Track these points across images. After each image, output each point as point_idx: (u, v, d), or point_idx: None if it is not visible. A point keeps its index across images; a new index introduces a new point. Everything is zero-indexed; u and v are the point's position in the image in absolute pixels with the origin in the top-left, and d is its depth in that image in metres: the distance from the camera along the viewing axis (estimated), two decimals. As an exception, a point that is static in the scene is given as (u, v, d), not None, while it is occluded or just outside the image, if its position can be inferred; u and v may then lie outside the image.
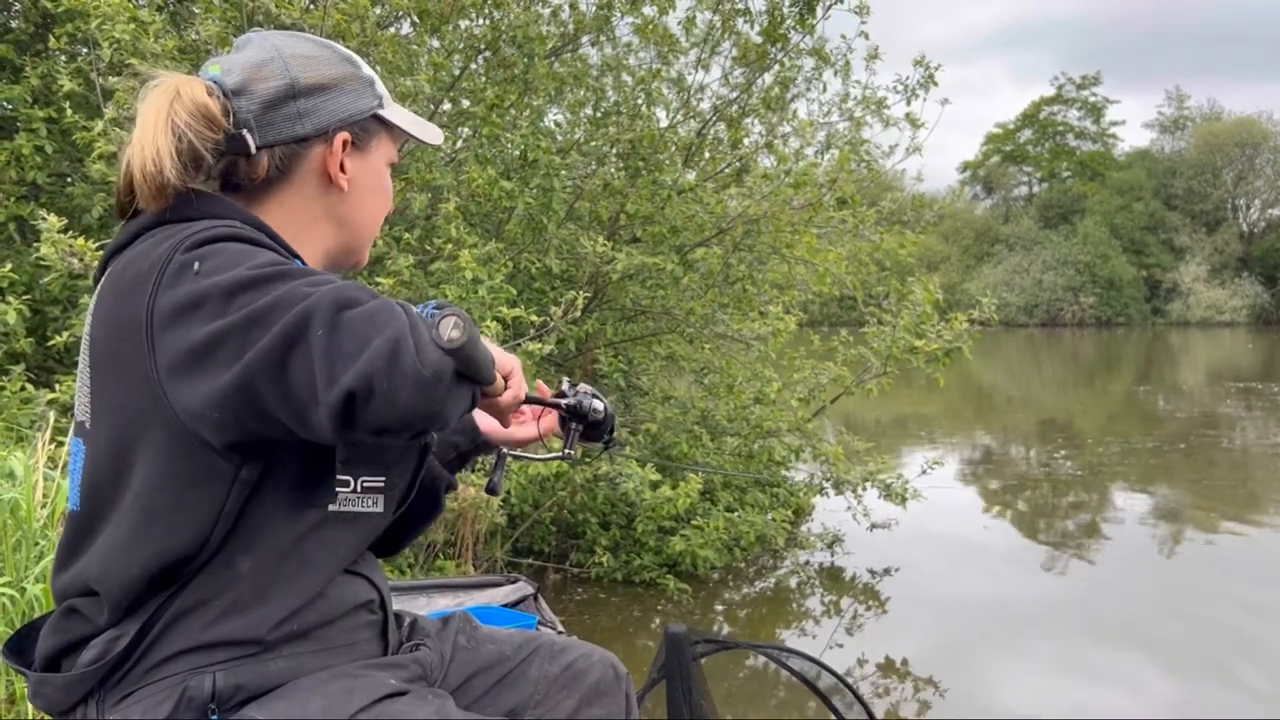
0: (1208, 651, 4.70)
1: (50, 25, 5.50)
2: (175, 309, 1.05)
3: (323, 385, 0.96)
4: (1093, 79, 64.02)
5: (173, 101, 1.18)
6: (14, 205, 5.17)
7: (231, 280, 1.03)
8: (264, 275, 1.04)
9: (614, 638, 4.92)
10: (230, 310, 1.02)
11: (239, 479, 1.11)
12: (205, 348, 1.03)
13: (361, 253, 1.40)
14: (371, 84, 1.33)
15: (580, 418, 1.34)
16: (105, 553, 1.13)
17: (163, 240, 1.13)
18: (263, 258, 1.09)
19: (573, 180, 6.47)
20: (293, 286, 1.02)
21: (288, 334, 0.98)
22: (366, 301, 1.01)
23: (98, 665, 1.12)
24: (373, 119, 1.33)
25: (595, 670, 1.47)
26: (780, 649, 3.50)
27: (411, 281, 4.97)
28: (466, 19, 6.18)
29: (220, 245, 1.10)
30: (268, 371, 0.99)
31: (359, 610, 1.28)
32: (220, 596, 1.13)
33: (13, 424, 4.03)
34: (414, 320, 1.01)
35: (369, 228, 1.38)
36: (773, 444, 6.45)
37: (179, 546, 1.11)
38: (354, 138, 1.31)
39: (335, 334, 0.98)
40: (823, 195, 6.35)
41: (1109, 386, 20.64)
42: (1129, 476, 9.36)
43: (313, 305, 0.99)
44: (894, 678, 4.49)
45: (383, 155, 1.37)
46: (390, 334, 0.97)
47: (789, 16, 6.65)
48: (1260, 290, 53.42)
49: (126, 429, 1.12)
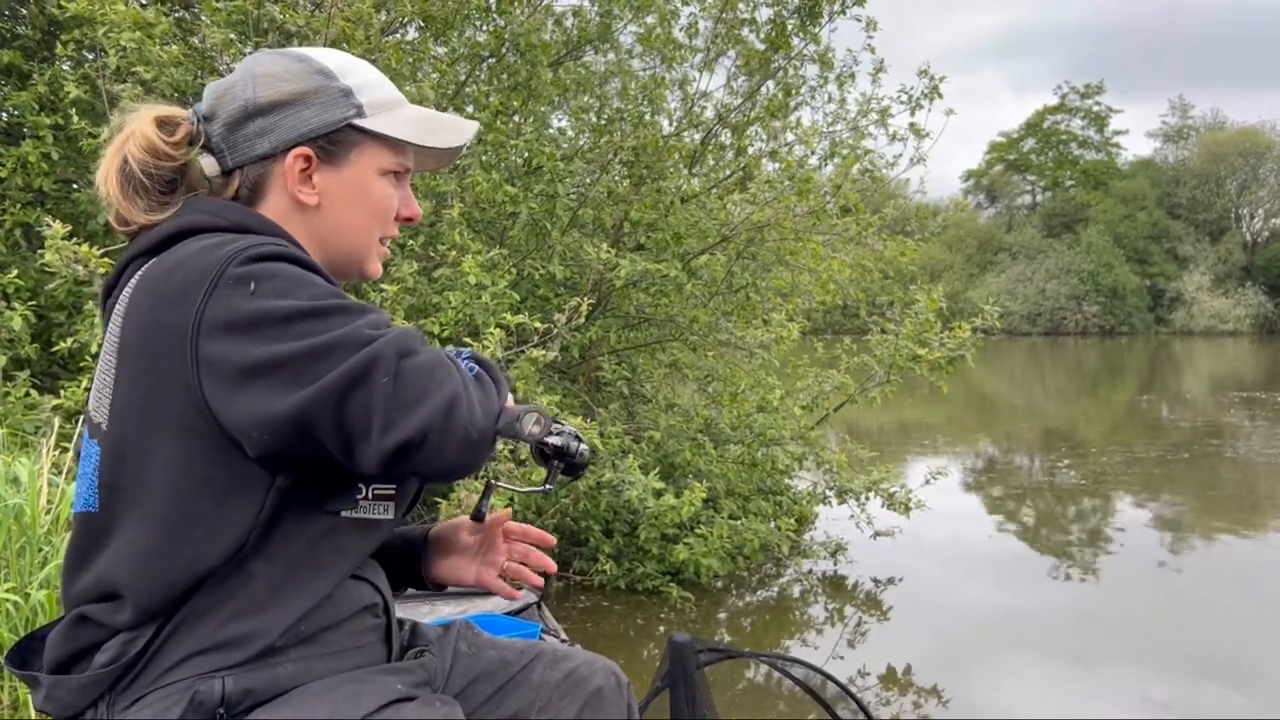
0: (1212, 662, 4.68)
1: (57, 32, 5.53)
2: (227, 323, 1.07)
3: (379, 429, 1.04)
4: (1096, 88, 64.14)
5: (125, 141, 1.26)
6: (20, 212, 5.18)
7: (291, 307, 1.08)
8: (324, 308, 1.09)
9: (617, 646, 4.91)
10: (289, 336, 1.06)
11: (275, 486, 1.14)
12: (260, 369, 1.06)
13: (360, 265, 1.36)
14: (348, 94, 1.29)
15: (564, 458, 1.36)
16: (132, 557, 1.13)
17: (212, 249, 1.13)
18: (319, 287, 1.12)
19: (577, 187, 6.49)
20: (355, 327, 1.08)
21: (354, 374, 1.05)
22: (423, 352, 1.09)
23: (113, 666, 1.12)
24: (349, 129, 1.29)
25: (597, 678, 1.46)
26: (784, 658, 3.50)
27: (415, 288, 4.98)
28: (471, 26, 6.20)
29: (277, 266, 1.12)
30: (328, 405, 1.05)
31: (364, 614, 1.29)
32: (234, 598, 1.14)
33: (17, 430, 4.04)
34: (466, 379, 1.11)
35: (355, 240, 1.33)
36: (776, 452, 6.44)
37: (217, 551, 1.12)
38: (322, 152, 1.28)
39: (398, 382, 1.05)
40: (826, 203, 6.36)
41: (1112, 395, 20.61)
42: (1133, 486, 9.33)
43: (379, 351, 1.06)
44: (897, 687, 4.48)
45: (368, 165, 1.31)
46: (448, 391, 1.07)
47: (791, 21, 6.67)
48: (1264, 300, 53.39)
49: (155, 433, 1.12)
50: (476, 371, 1.18)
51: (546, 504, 5.43)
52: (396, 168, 1.34)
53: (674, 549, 5.45)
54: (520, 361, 4.68)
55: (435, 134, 1.35)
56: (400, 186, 1.37)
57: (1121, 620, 5.39)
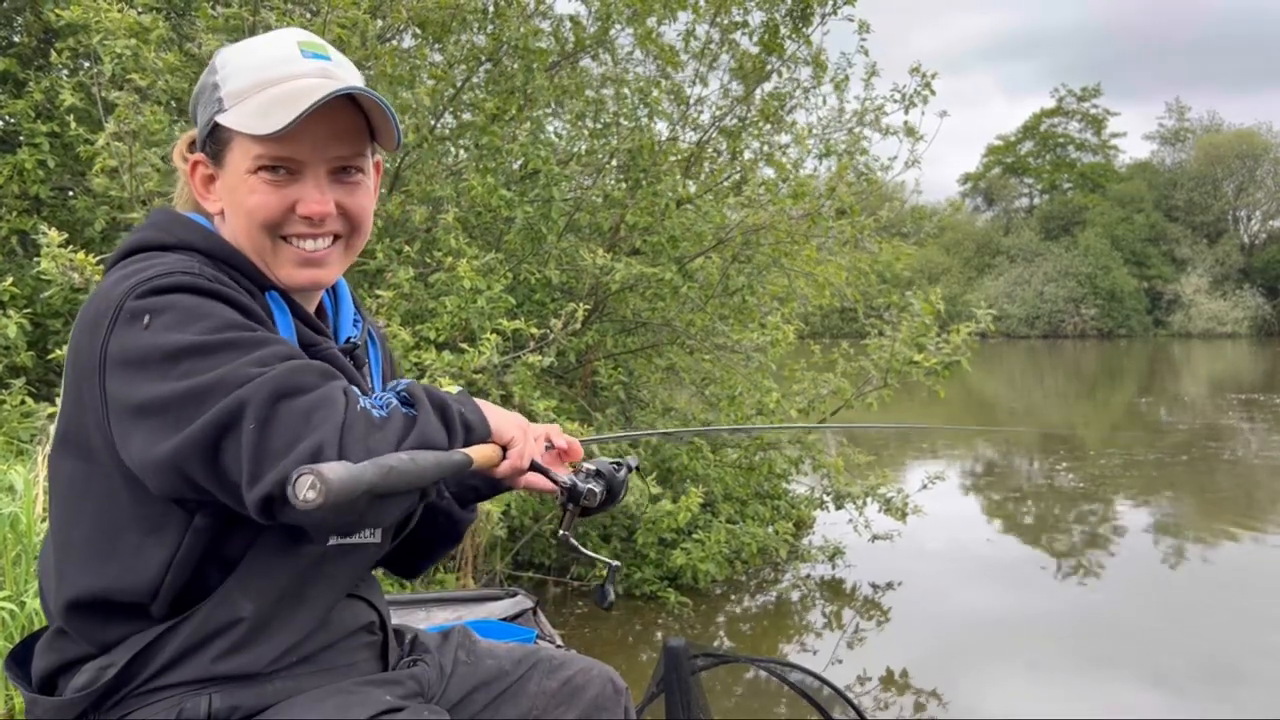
0: (1212, 665, 4.68)
1: (53, 40, 5.53)
2: (122, 360, 1.05)
3: (247, 481, 0.97)
4: (1093, 91, 64.28)
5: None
6: (16, 219, 5.18)
7: (177, 344, 1.03)
8: (212, 344, 1.03)
9: (614, 651, 4.90)
10: (171, 376, 1.01)
11: (192, 527, 1.10)
12: (144, 410, 1.03)
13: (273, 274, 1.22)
14: (216, 88, 1.19)
15: (574, 500, 1.25)
16: (64, 585, 1.13)
17: (123, 279, 1.10)
18: (214, 319, 1.06)
19: (573, 192, 6.49)
20: (235, 366, 1.01)
21: (220, 422, 0.98)
22: (310, 390, 1.00)
23: (87, 692, 1.12)
24: (219, 128, 1.20)
25: (594, 685, 1.46)
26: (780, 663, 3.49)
27: (411, 294, 4.97)
28: (468, 31, 6.20)
29: (174, 298, 1.07)
30: (199, 455, 0.99)
31: (359, 633, 1.29)
32: (222, 637, 1.13)
33: (13, 437, 4.04)
34: (349, 422, 0.99)
35: (249, 246, 1.21)
36: (774, 456, 6.44)
37: (129, 586, 1.10)
38: (211, 155, 1.22)
39: (265, 429, 0.97)
40: (821, 206, 6.36)
41: (1111, 398, 20.61)
42: (1131, 489, 9.33)
43: (249, 394, 0.98)
44: (896, 690, 4.47)
45: (238, 163, 1.19)
46: (315, 439, 0.96)
47: (783, 24, 6.68)
48: (1261, 302, 53.43)
49: (77, 461, 1.12)
50: (390, 410, 1.05)
51: (545, 509, 5.41)
52: (264, 161, 1.18)
53: (672, 554, 5.44)
54: (517, 366, 4.67)
55: (272, 114, 1.14)
56: (291, 179, 1.20)
57: (1120, 623, 5.39)
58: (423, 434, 1.05)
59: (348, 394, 1.03)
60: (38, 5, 5.64)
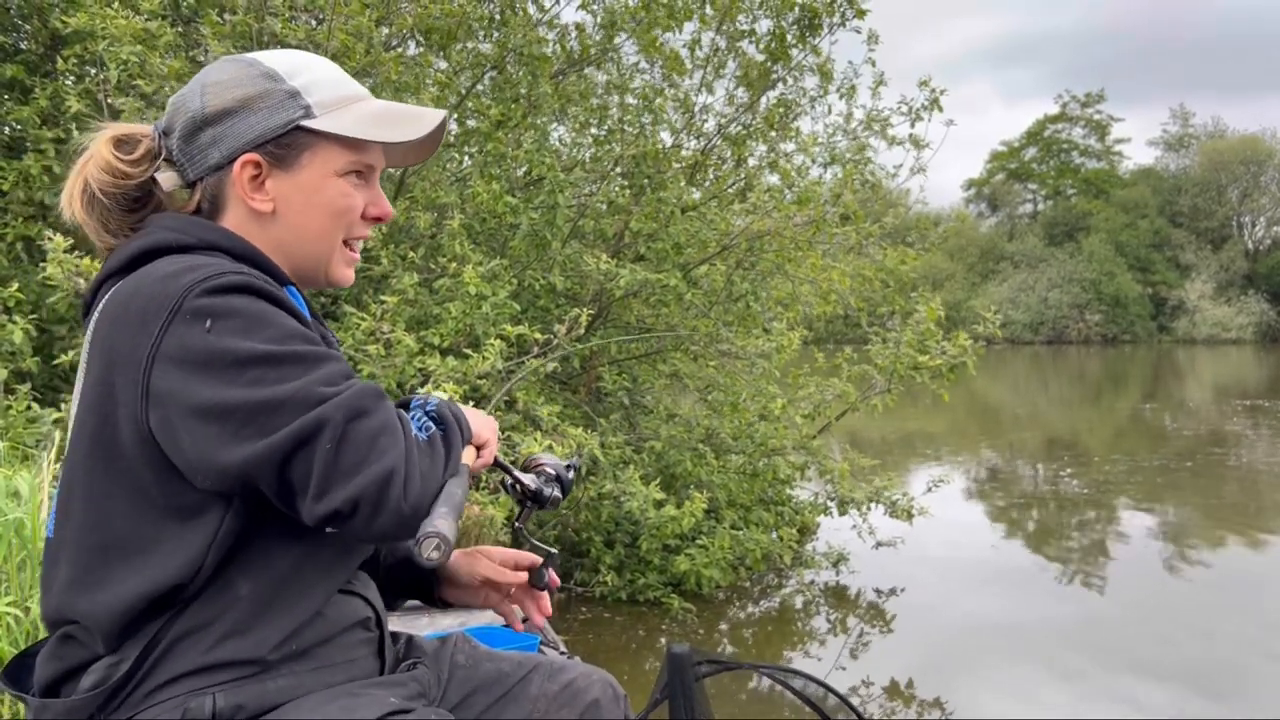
0: (1216, 671, 4.67)
1: (59, 46, 5.56)
2: (181, 359, 1.06)
3: (313, 494, 1.04)
4: (1096, 97, 64.29)
5: (85, 163, 1.25)
6: (22, 225, 5.20)
7: (245, 351, 1.06)
8: (279, 354, 1.08)
9: (618, 657, 4.90)
10: (240, 382, 1.05)
11: (231, 509, 1.12)
12: (208, 412, 1.05)
13: (325, 270, 1.31)
14: (295, 95, 1.24)
15: (539, 503, 1.44)
16: (88, 584, 1.13)
17: (172, 277, 1.11)
18: (278, 327, 1.10)
19: (577, 198, 6.50)
20: (307, 382, 1.07)
21: (300, 436, 1.04)
22: (374, 413, 1.08)
23: (98, 691, 1.12)
24: (298, 131, 1.24)
25: (594, 689, 1.46)
26: (784, 669, 3.49)
27: (416, 299, 4.98)
28: (473, 39, 6.22)
29: (238, 301, 1.10)
30: (271, 464, 1.05)
31: (355, 628, 1.29)
32: (220, 620, 1.13)
33: (18, 443, 4.04)
34: (411, 448, 1.08)
35: (315, 246, 1.29)
36: (778, 462, 6.43)
37: (173, 575, 1.11)
38: (272, 157, 1.24)
39: (340, 449, 1.04)
40: (826, 212, 6.36)
41: (1115, 404, 20.56)
42: (1136, 495, 9.31)
43: (327, 414, 1.05)
44: (900, 698, 4.46)
45: (321, 167, 1.26)
46: (386, 464, 1.05)
47: (790, 31, 6.69)
48: (1266, 308, 53.30)
49: (102, 462, 1.12)
50: (431, 434, 1.15)
51: (548, 515, 5.42)
52: (356, 166, 1.28)
53: (675, 560, 5.44)
54: (522, 372, 4.68)
55: (391, 128, 1.28)
56: (366, 185, 1.31)
57: (1126, 630, 5.37)
58: (455, 454, 1.16)
59: (402, 419, 1.11)
60: (44, 13, 5.67)
